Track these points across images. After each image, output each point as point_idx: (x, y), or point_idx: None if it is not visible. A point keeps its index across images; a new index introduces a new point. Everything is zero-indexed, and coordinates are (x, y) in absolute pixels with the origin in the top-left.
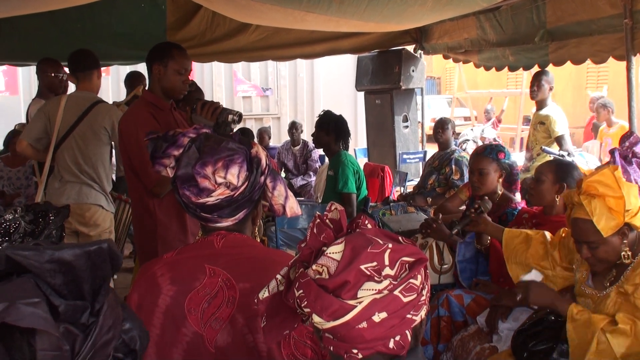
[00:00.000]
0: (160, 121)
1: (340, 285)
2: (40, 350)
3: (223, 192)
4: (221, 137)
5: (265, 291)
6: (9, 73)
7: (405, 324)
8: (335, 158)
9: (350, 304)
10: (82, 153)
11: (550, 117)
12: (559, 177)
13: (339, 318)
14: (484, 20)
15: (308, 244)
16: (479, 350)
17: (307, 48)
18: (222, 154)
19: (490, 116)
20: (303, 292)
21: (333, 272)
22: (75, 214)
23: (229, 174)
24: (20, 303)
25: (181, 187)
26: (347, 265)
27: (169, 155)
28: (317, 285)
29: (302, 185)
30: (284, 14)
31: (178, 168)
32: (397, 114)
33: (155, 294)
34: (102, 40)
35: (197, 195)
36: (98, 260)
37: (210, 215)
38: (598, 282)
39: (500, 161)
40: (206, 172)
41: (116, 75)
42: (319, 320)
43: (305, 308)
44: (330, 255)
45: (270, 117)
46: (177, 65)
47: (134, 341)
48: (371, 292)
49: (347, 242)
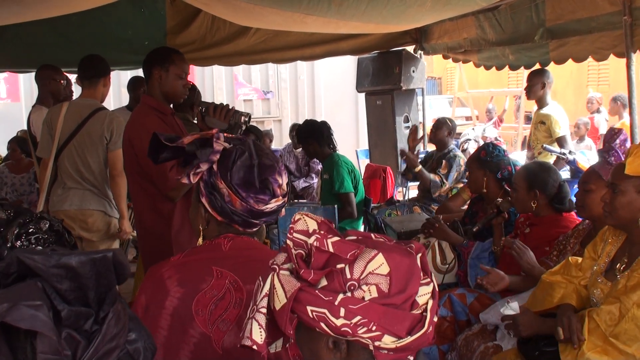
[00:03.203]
0: (167, 125)
1: (408, 299)
2: (40, 352)
3: (279, 199)
4: (259, 144)
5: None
6: (10, 80)
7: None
8: (327, 161)
9: (419, 315)
10: (83, 160)
11: (551, 117)
12: (531, 185)
13: (418, 331)
14: (483, 20)
15: (316, 265)
16: (483, 349)
17: (307, 50)
18: (279, 162)
19: (492, 115)
20: (364, 318)
21: (388, 288)
22: (78, 219)
23: (284, 181)
24: (22, 304)
25: (244, 194)
26: (408, 277)
27: (207, 162)
28: (382, 305)
29: (304, 188)
30: (283, 17)
31: (231, 175)
32: (398, 115)
33: (162, 295)
34: (102, 46)
35: (260, 203)
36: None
37: (257, 221)
38: (611, 274)
39: (481, 159)
40: (280, 181)
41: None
42: (392, 340)
43: (368, 334)
44: (375, 272)
45: (272, 120)
46: (178, 70)
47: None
48: (427, 295)
49: (384, 253)
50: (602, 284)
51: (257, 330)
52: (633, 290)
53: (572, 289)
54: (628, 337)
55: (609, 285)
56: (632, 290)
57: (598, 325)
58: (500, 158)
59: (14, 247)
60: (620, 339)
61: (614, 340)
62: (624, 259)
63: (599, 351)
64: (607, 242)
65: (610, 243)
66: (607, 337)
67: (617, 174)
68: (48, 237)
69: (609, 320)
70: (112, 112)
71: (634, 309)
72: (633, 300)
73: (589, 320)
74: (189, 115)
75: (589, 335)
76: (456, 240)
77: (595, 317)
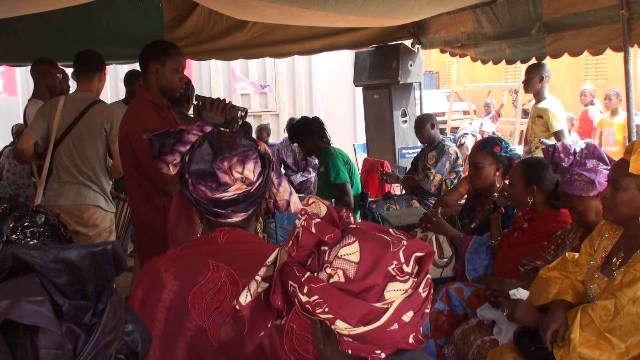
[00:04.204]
0: (163, 119)
1: (368, 288)
2: (42, 348)
3: (240, 187)
4: (233, 134)
5: (246, 295)
6: (6, 74)
7: (423, 319)
8: (323, 154)
9: (380, 307)
10: (80, 154)
11: (549, 111)
12: (529, 180)
13: (370, 323)
14: (481, 14)
15: (302, 243)
16: (479, 343)
17: (305, 44)
18: (239, 150)
19: (491, 110)
20: (320, 298)
21: (354, 275)
22: (74, 214)
23: (245, 169)
24: (24, 300)
25: (197, 183)
26: (373, 267)
27: (175, 152)
28: (339, 289)
29: (301, 182)
30: (280, 11)
31: (190, 164)
32: (395, 109)
33: (159, 289)
34: (99, 40)
35: (214, 191)
36: (102, 261)
37: (223, 211)
38: (608, 269)
39: (496, 155)
40: (226, 167)
41: (114, 74)
42: (345, 326)
43: (323, 314)
44: (345, 257)
45: (269, 114)
46: (175, 64)
47: (136, 343)
48: (399, 292)
49: (362, 242)
50: (598, 279)
51: (245, 294)
52: (628, 286)
53: (568, 284)
54: (623, 332)
55: (605, 281)
56: (627, 286)
57: (592, 321)
58: (512, 152)
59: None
60: (615, 334)
61: (609, 335)
62: (620, 253)
63: (592, 346)
64: (604, 237)
65: (606, 238)
66: (601, 332)
67: (618, 171)
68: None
69: (604, 316)
70: (108, 104)
71: (629, 305)
72: (628, 296)
73: (583, 315)
74: (184, 109)
75: (582, 331)
76: (454, 234)
77: (590, 312)
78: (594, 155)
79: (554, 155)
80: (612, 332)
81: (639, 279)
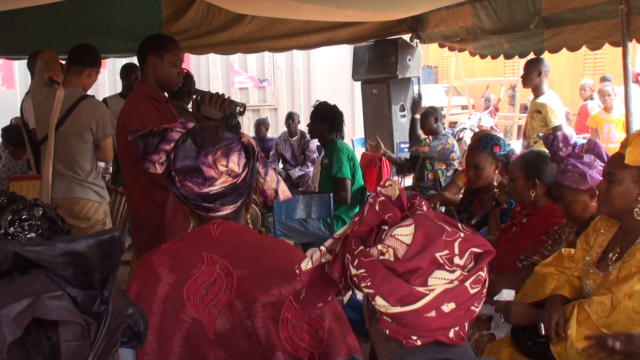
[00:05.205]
0: (161, 113)
1: (412, 270)
2: (64, 341)
3: (226, 180)
4: (215, 127)
5: (308, 262)
6: (5, 67)
7: (468, 315)
8: (329, 146)
9: (420, 291)
10: (66, 151)
11: (547, 106)
12: (530, 174)
13: (408, 304)
14: (480, 9)
15: (366, 220)
16: (477, 337)
17: (303, 39)
18: (222, 143)
19: (490, 104)
20: (365, 272)
21: (402, 256)
22: (65, 207)
23: (230, 162)
24: (45, 297)
25: (183, 180)
26: (420, 251)
27: (160, 151)
28: (385, 267)
29: (300, 176)
30: (279, 4)
31: (175, 161)
32: (394, 104)
33: (154, 282)
34: (97, 33)
35: (201, 185)
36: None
37: (212, 205)
38: (603, 264)
39: (496, 155)
40: (210, 161)
41: (112, 68)
42: (383, 304)
43: (366, 288)
44: (398, 237)
45: (268, 108)
46: (173, 57)
47: (138, 324)
48: (443, 281)
49: (418, 226)
50: (594, 274)
51: (307, 261)
52: (624, 281)
53: (565, 280)
54: (620, 327)
55: (601, 276)
56: (623, 282)
57: (589, 316)
58: (509, 149)
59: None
60: (612, 330)
61: (606, 331)
62: (616, 248)
63: None
64: (599, 232)
65: (602, 234)
66: (598, 327)
67: (614, 163)
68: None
69: (600, 312)
70: (95, 99)
71: (625, 300)
72: (624, 291)
73: (579, 311)
74: (184, 103)
75: (579, 326)
76: None
77: (586, 307)
78: (593, 152)
79: (553, 143)
80: (609, 327)
81: (634, 274)
